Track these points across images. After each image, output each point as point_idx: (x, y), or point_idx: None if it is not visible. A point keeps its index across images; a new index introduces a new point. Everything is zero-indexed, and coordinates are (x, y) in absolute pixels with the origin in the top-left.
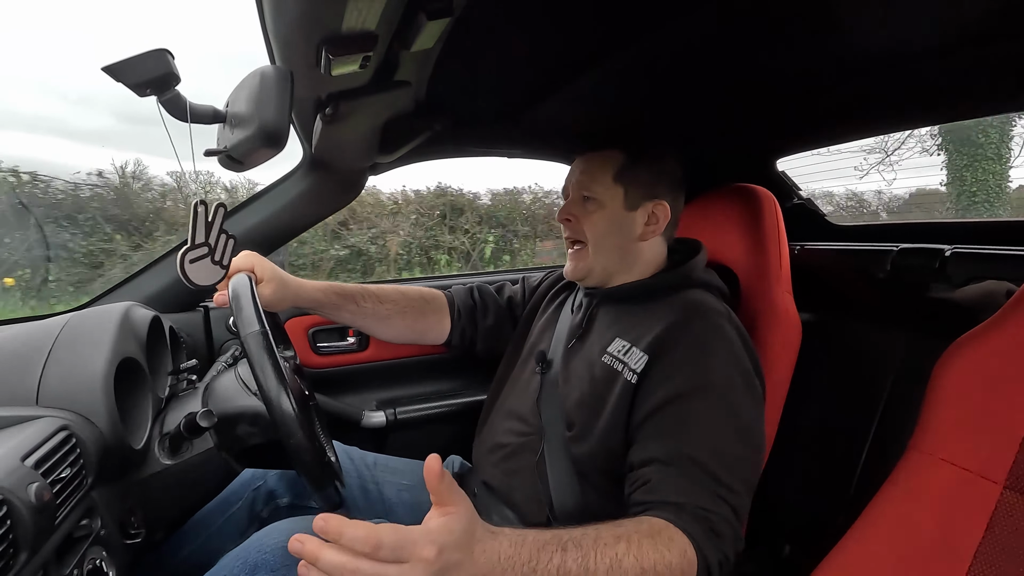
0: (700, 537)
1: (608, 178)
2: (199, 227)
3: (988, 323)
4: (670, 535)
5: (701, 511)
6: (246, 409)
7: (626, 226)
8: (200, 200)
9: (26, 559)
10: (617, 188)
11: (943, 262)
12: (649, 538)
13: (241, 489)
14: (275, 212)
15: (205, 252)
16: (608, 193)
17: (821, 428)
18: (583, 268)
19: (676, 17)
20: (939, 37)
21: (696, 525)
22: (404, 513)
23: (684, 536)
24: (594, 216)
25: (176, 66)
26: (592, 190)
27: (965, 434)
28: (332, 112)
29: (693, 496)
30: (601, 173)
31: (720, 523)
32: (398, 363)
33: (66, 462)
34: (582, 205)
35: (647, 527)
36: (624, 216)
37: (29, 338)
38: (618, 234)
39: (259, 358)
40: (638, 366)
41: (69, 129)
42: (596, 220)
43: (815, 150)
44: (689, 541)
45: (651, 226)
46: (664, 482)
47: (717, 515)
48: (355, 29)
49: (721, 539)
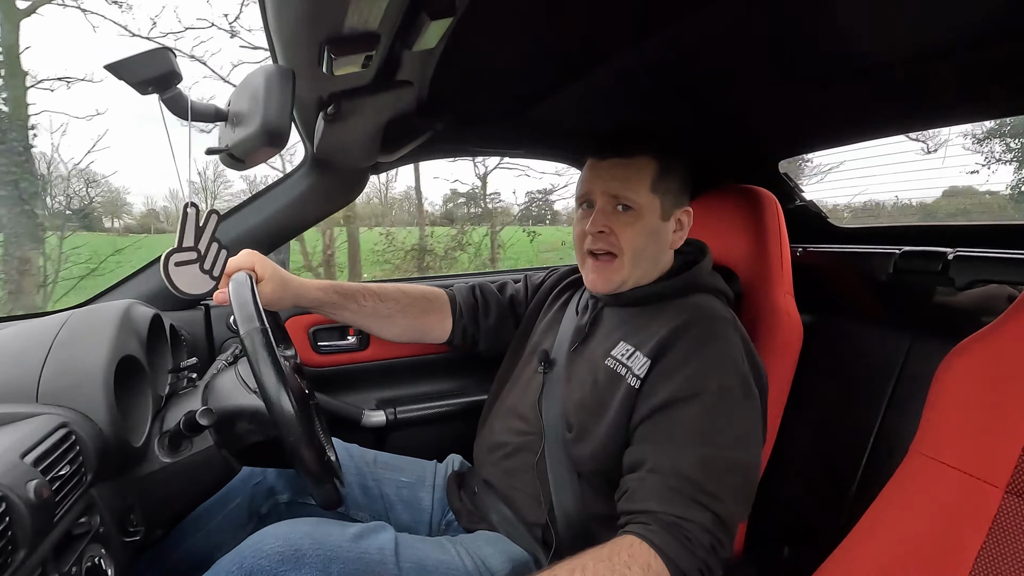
0: (671, 546)
1: (645, 187)
2: (188, 231)
3: (991, 327)
4: (632, 551)
5: (675, 519)
6: (245, 407)
7: (662, 236)
8: (191, 203)
9: (24, 556)
10: (654, 198)
11: (946, 265)
12: (606, 560)
13: (240, 486)
14: (277, 211)
15: (193, 258)
16: (646, 203)
17: (821, 430)
18: (618, 280)
19: (680, 18)
20: (943, 40)
21: (666, 534)
22: (403, 510)
23: (649, 548)
24: (634, 227)
25: (178, 64)
26: (630, 199)
27: (967, 438)
28: (334, 111)
29: (669, 504)
30: (638, 182)
31: (696, 531)
32: (398, 362)
33: (65, 459)
34: (617, 215)
35: (607, 550)
36: (660, 226)
37: (29, 335)
38: (655, 245)
39: (258, 355)
40: (641, 371)
41: None
42: (636, 231)
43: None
44: (656, 553)
45: (678, 233)
46: (642, 490)
47: (693, 523)
48: (357, 28)
49: (697, 546)
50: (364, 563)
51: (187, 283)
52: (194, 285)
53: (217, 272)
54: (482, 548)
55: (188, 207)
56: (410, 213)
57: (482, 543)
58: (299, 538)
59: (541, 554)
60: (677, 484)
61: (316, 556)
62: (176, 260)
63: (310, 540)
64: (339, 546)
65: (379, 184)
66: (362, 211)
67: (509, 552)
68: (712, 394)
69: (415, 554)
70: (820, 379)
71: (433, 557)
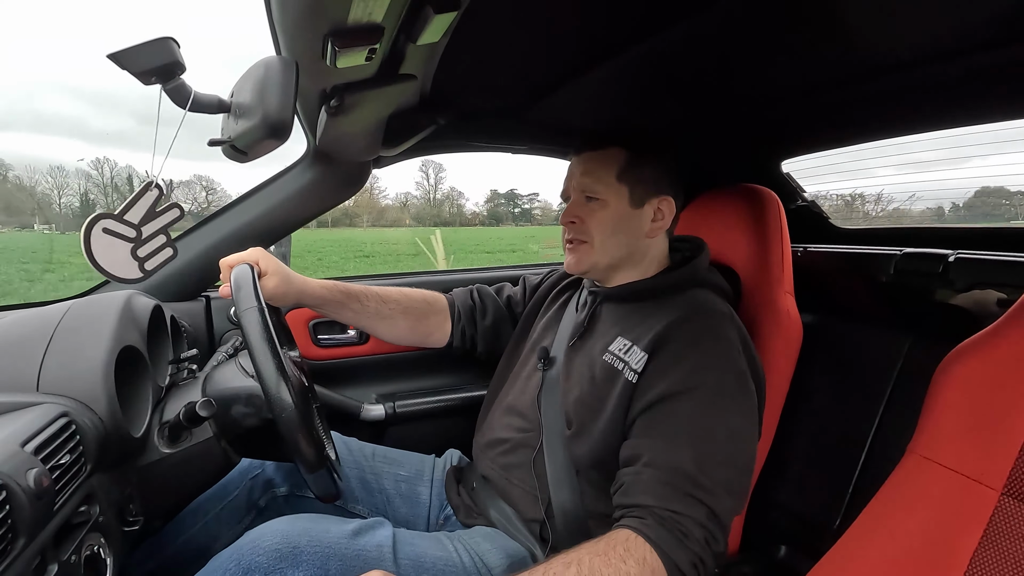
0: (666, 540)
1: (611, 176)
2: (139, 207)
3: (990, 329)
4: (628, 545)
5: (669, 513)
6: (241, 389)
7: (634, 223)
8: (155, 183)
9: (24, 544)
10: (621, 186)
11: (946, 267)
12: (602, 555)
13: (239, 478)
14: (278, 203)
15: (130, 235)
16: (612, 192)
17: (820, 430)
18: (585, 262)
19: (684, 16)
20: (947, 41)
21: (661, 528)
22: (401, 504)
23: (644, 542)
24: (598, 215)
25: (181, 55)
26: (595, 190)
27: (964, 439)
28: (337, 104)
29: (663, 499)
30: (604, 172)
31: (691, 525)
32: (398, 357)
33: (65, 448)
34: (585, 205)
35: (604, 544)
36: (631, 213)
37: (30, 324)
38: (625, 231)
39: (252, 334)
40: (638, 365)
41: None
42: (601, 219)
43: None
44: (651, 547)
45: (658, 222)
46: (637, 485)
47: (688, 517)
48: (361, 21)
49: (691, 540)
50: (362, 560)
51: (107, 257)
52: (115, 264)
53: (151, 267)
54: (479, 544)
55: (151, 186)
56: (451, 214)
57: (479, 539)
58: (296, 535)
59: (538, 550)
60: (672, 479)
61: (313, 553)
62: (105, 226)
63: (307, 537)
64: (336, 543)
65: (427, 185)
66: (420, 212)
67: (506, 548)
68: (708, 389)
69: (413, 551)
70: (819, 379)
71: (431, 554)
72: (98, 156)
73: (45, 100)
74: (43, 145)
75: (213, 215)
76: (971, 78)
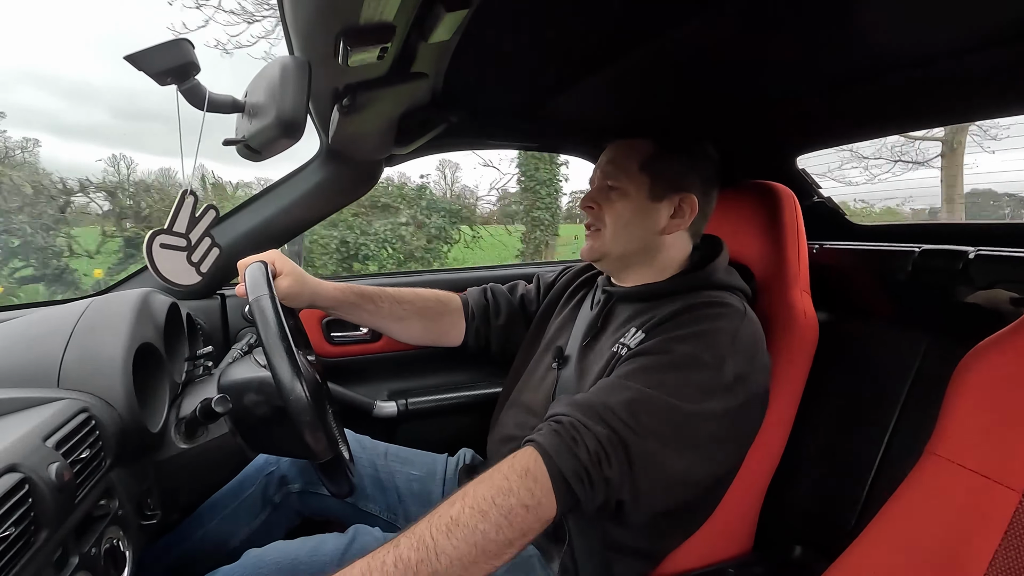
0: (554, 446)
1: (634, 166)
2: (182, 217)
3: (1011, 328)
4: (516, 458)
5: (570, 421)
6: (252, 378)
7: (649, 217)
8: (189, 190)
9: (47, 536)
10: (643, 177)
11: (966, 264)
12: (485, 481)
13: (255, 474)
14: (291, 203)
15: (181, 245)
16: (632, 181)
17: (836, 429)
18: (598, 249)
19: (698, 12)
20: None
21: (554, 436)
22: (412, 503)
23: (532, 450)
24: (616, 204)
25: (196, 55)
26: (616, 178)
27: (984, 440)
28: (349, 103)
29: (571, 411)
30: (627, 161)
31: (587, 438)
32: (411, 354)
33: (86, 443)
34: (605, 193)
35: (489, 472)
36: (648, 206)
37: (51, 322)
38: (640, 224)
39: (264, 319)
40: (632, 341)
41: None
42: (618, 208)
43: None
44: (538, 453)
45: (676, 219)
46: (558, 405)
47: (588, 431)
48: (373, 20)
49: (580, 449)
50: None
51: (170, 269)
52: (177, 273)
53: (205, 268)
54: None
55: (186, 194)
56: (468, 209)
57: None
58: (296, 551)
59: (552, 549)
60: (593, 403)
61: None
62: (162, 242)
63: (308, 557)
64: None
65: (445, 182)
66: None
67: None
68: (680, 356)
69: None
70: (836, 378)
71: None
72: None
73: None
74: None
75: (227, 214)
76: (989, 72)
